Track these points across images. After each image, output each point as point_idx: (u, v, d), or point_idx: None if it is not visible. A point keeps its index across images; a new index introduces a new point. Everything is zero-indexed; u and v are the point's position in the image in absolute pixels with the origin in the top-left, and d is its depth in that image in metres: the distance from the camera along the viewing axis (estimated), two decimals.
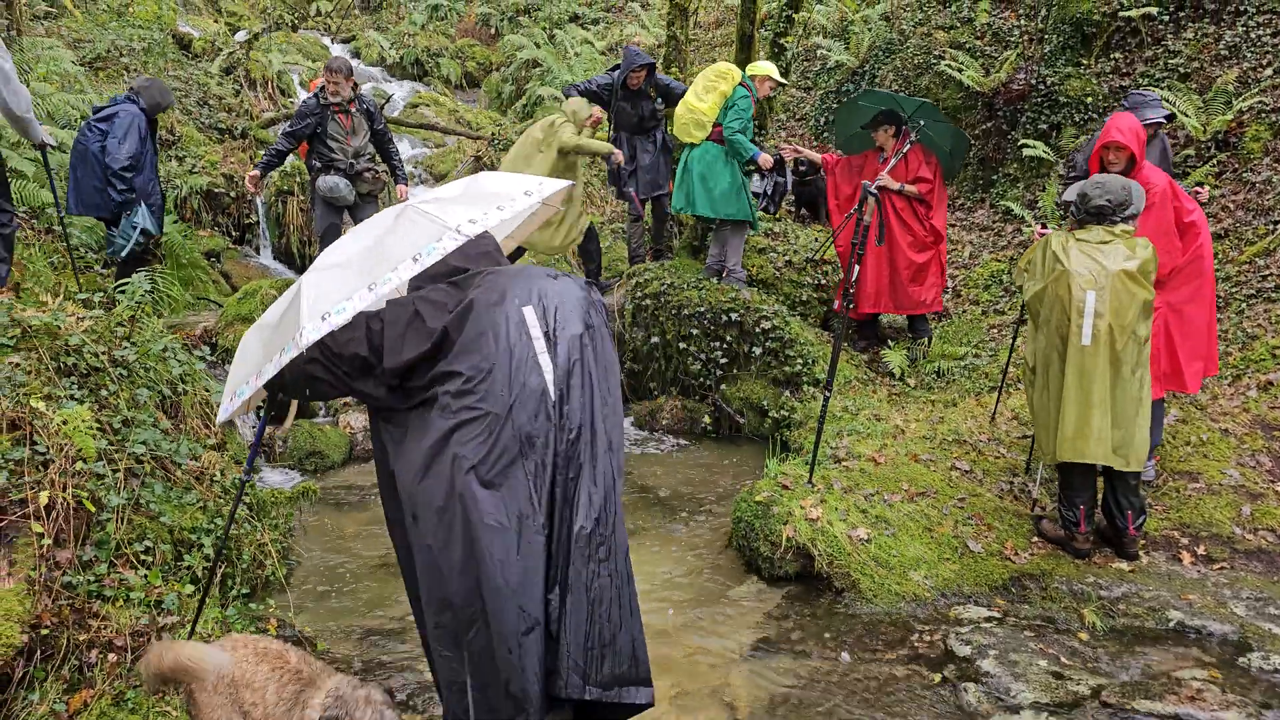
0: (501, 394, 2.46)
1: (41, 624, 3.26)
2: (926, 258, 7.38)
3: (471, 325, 2.53)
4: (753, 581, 4.91)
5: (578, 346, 2.57)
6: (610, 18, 15.79)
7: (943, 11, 10.62)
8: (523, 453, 2.46)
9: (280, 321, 2.65)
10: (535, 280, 2.66)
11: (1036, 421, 4.79)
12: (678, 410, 7.42)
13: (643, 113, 7.97)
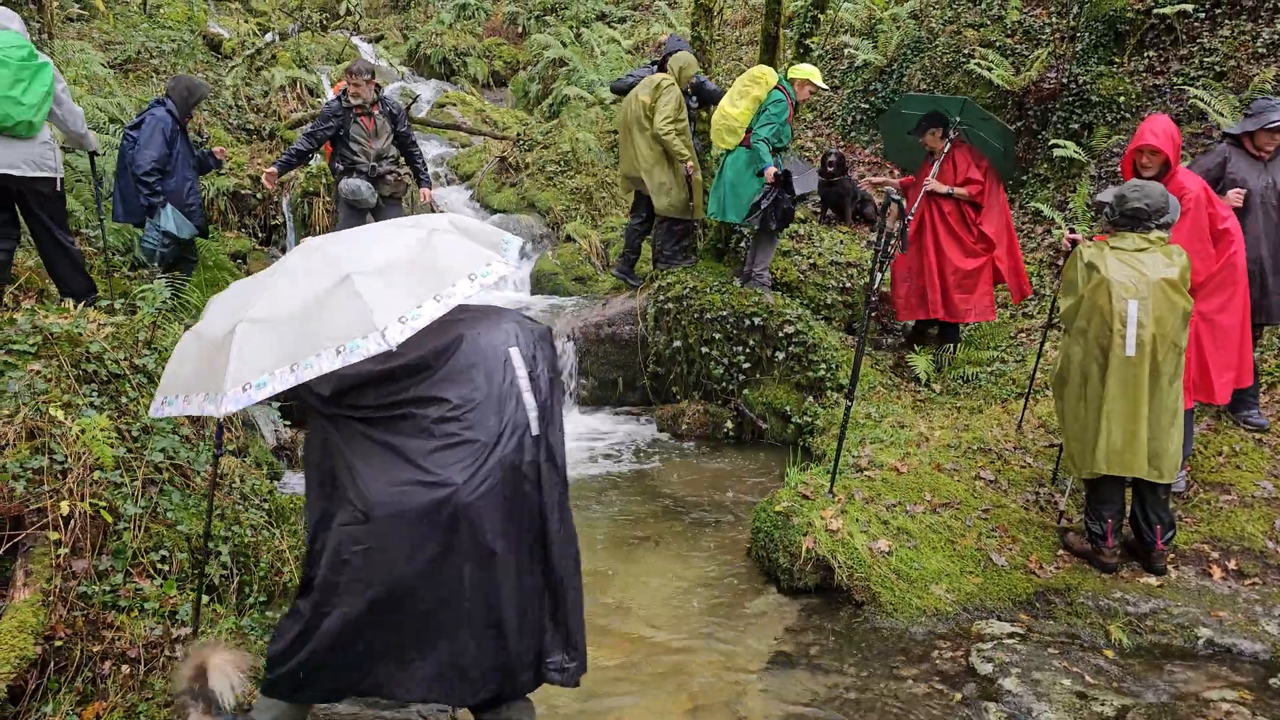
0: (491, 425, 2.68)
1: (55, 635, 3.27)
2: (976, 264, 7.10)
3: (461, 358, 2.72)
4: (772, 593, 4.85)
5: (550, 388, 2.87)
6: (637, 16, 15.73)
7: (972, 9, 10.48)
8: (505, 480, 2.69)
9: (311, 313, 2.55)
10: (514, 324, 2.89)
11: (1068, 433, 4.69)
12: (700, 415, 7.37)
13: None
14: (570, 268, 9.79)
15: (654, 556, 5.33)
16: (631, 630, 4.51)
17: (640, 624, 4.56)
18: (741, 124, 7.23)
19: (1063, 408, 4.71)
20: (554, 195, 11.01)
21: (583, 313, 8.27)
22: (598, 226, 10.55)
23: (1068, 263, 4.74)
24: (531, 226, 10.58)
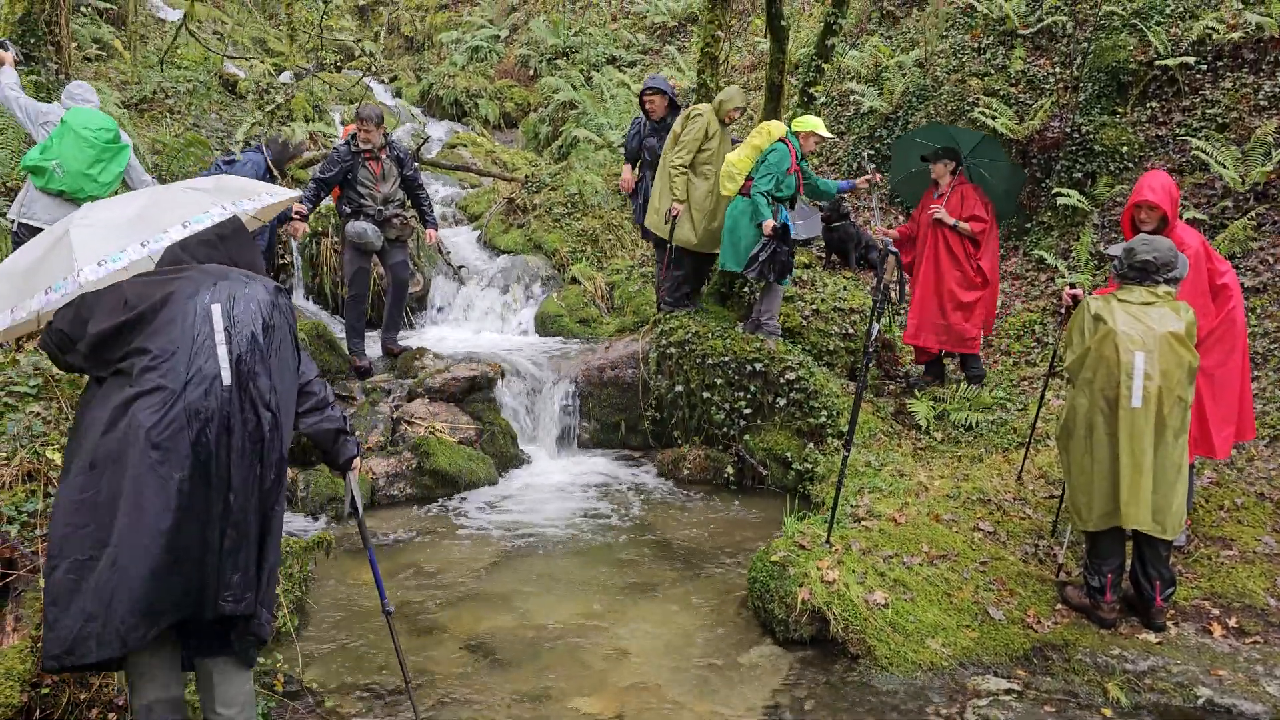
0: (180, 373, 2.88)
1: (42, 683, 3.27)
2: (973, 298, 7.32)
3: (166, 312, 2.93)
4: (767, 644, 4.81)
5: (254, 342, 2.99)
6: (647, 61, 15.91)
7: (977, 58, 10.58)
8: (189, 424, 2.85)
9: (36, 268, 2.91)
10: (229, 282, 3.04)
11: (1072, 484, 4.66)
12: (700, 460, 7.36)
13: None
14: (575, 310, 9.83)
15: (650, 603, 5.30)
16: (625, 679, 4.48)
17: (635, 673, 4.52)
18: (740, 171, 7.29)
19: (1067, 459, 4.69)
20: (560, 237, 11.08)
21: (586, 355, 8.29)
22: (603, 269, 10.61)
23: (1074, 315, 4.75)
24: (538, 268, 10.65)
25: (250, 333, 2.98)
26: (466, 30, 19.07)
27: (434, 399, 7.42)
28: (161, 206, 2.94)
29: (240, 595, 2.94)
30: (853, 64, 11.82)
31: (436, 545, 6.07)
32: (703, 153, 7.56)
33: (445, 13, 20.29)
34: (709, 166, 7.59)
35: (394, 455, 6.95)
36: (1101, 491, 4.49)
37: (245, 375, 2.95)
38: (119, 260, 2.70)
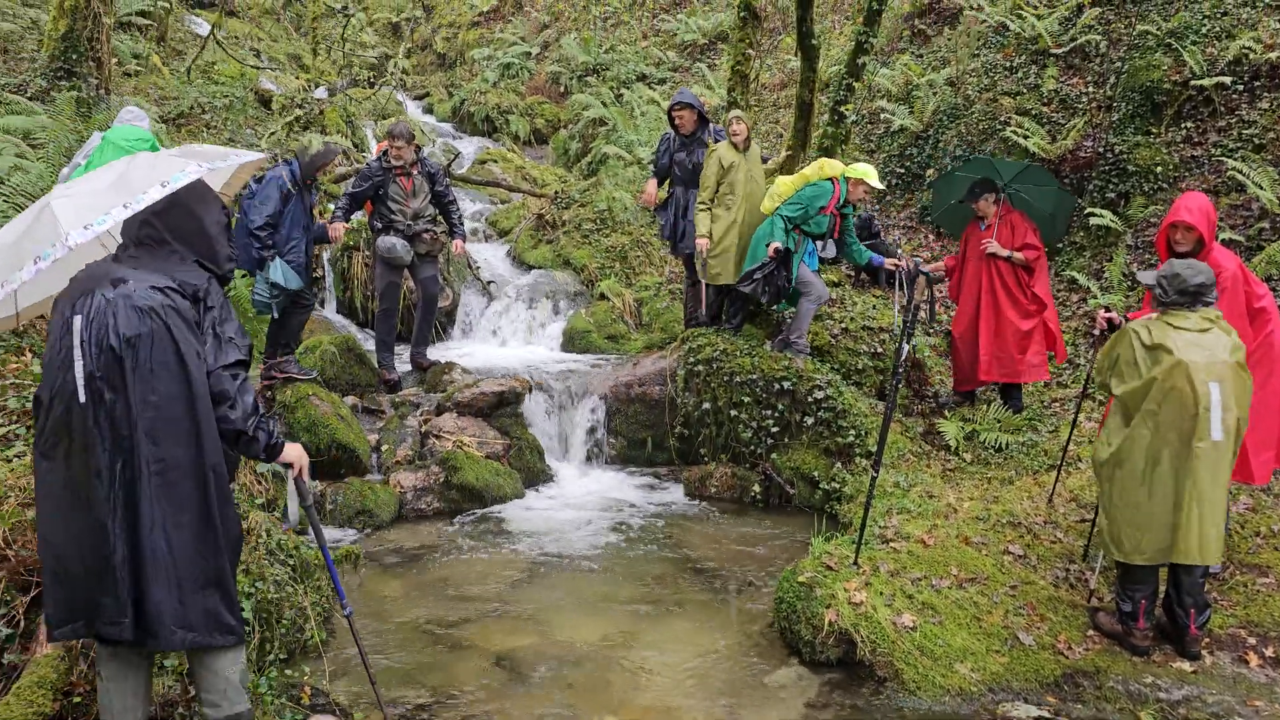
0: (49, 385, 2.92)
1: (74, 691, 3.30)
2: (1031, 325, 7.22)
3: (52, 320, 3.00)
4: (793, 665, 4.78)
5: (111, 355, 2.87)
6: (677, 78, 15.98)
7: (1009, 77, 10.54)
8: (60, 439, 2.90)
9: (21, 241, 2.92)
10: (99, 285, 2.94)
11: (1119, 516, 4.50)
12: (727, 478, 7.34)
13: (696, 160, 8.01)
14: (603, 326, 9.85)
15: (676, 621, 5.28)
16: (650, 698, 4.46)
17: (660, 693, 4.51)
18: (782, 194, 7.35)
19: (1112, 490, 4.54)
20: (589, 253, 11.13)
21: (613, 372, 8.30)
22: (631, 285, 10.64)
23: (1116, 341, 4.61)
24: (566, 284, 10.69)
25: (109, 345, 2.86)
26: (498, 47, 19.25)
27: (462, 413, 7.45)
28: (139, 168, 2.95)
29: (115, 619, 2.90)
30: (883, 82, 11.81)
31: (463, 560, 6.09)
32: (722, 185, 7.64)
33: (477, 30, 20.50)
34: (731, 197, 7.65)
35: (422, 469, 6.99)
36: (1159, 526, 4.37)
37: (98, 393, 2.86)
38: (104, 222, 2.73)
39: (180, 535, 2.96)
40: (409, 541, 6.36)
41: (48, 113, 8.62)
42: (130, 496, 2.90)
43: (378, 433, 7.45)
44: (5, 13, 11.81)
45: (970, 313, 7.37)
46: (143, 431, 2.89)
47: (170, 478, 2.94)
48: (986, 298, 7.24)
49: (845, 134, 8.00)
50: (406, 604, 5.42)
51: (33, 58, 10.64)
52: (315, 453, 6.78)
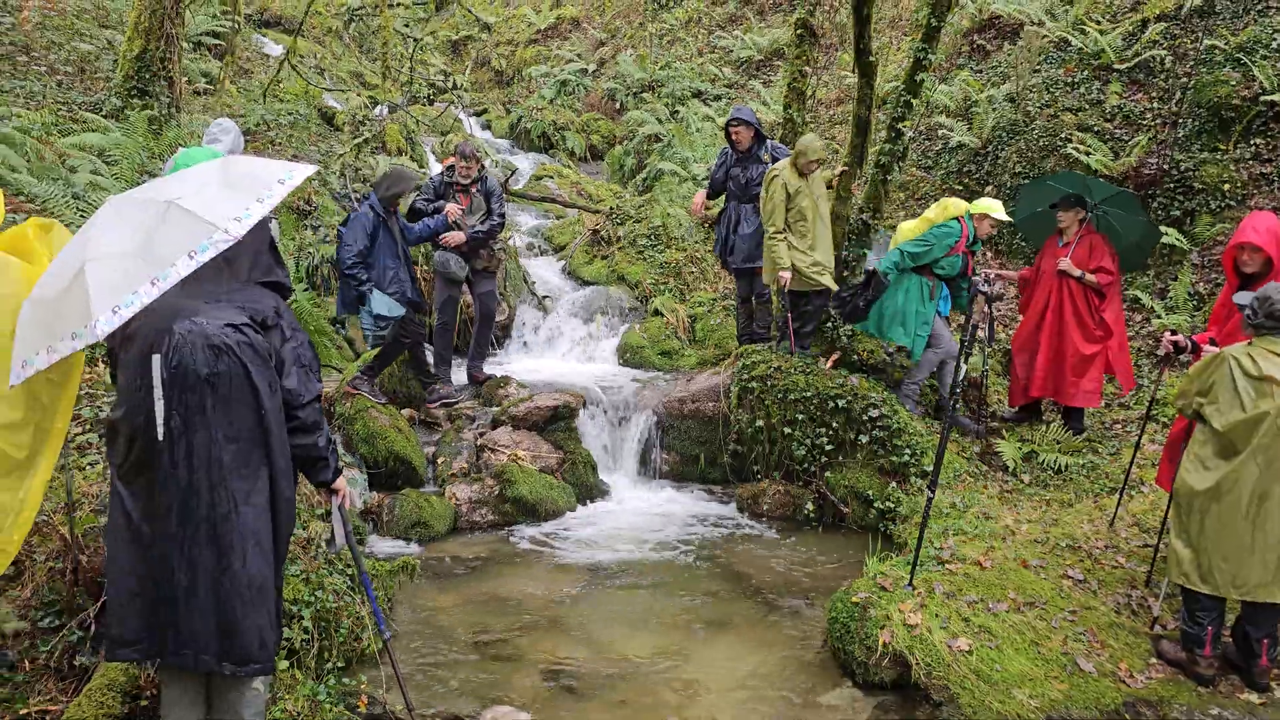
0: (129, 418, 2.95)
1: (142, 694, 3.40)
2: (1094, 350, 7.14)
3: (127, 353, 2.99)
4: (846, 686, 4.74)
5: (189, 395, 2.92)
6: (732, 94, 16.01)
7: (1070, 93, 10.39)
8: (141, 472, 2.96)
9: (59, 300, 2.82)
10: (181, 323, 2.95)
11: (1214, 550, 4.37)
12: (780, 495, 7.31)
13: (750, 176, 8.01)
14: (657, 341, 9.88)
15: (728, 639, 5.27)
16: (701, 715, 4.46)
17: (711, 709, 4.50)
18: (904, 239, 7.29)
19: (1205, 522, 4.40)
20: (644, 269, 11.17)
21: (667, 387, 8.33)
22: (685, 301, 10.65)
23: (1208, 367, 4.46)
24: (621, 299, 10.74)
25: (187, 384, 2.92)
26: (555, 64, 19.46)
27: (517, 427, 7.52)
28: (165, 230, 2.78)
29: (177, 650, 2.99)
30: (942, 98, 11.71)
31: (516, 572, 6.14)
32: (791, 211, 7.45)
33: (535, 47, 20.74)
34: (803, 224, 7.45)
35: (477, 482, 7.06)
36: (1262, 564, 4.26)
37: (176, 430, 2.93)
38: (132, 304, 2.65)
39: (253, 567, 3.05)
40: (464, 553, 6.43)
41: (122, 130, 8.89)
42: (207, 531, 2.97)
43: (434, 445, 7.55)
44: (83, 34, 12.23)
45: (1032, 327, 7.29)
46: (220, 467, 2.97)
47: (244, 512, 3.02)
48: (1052, 315, 7.15)
49: (903, 151, 7.94)
50: (460, 615, 5.48)
51: (108, 77, 10.99)
52: (373, 464, 6.90)
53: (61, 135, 8.55)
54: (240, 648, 3.03)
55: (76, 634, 3.76)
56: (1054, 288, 7.20)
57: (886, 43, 13.86)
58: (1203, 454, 4.47)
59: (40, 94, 9.84)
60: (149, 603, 2.99)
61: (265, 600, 3.10)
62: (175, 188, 2.95)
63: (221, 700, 3.16)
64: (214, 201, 2.85)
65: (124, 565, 2.99)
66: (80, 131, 8.76)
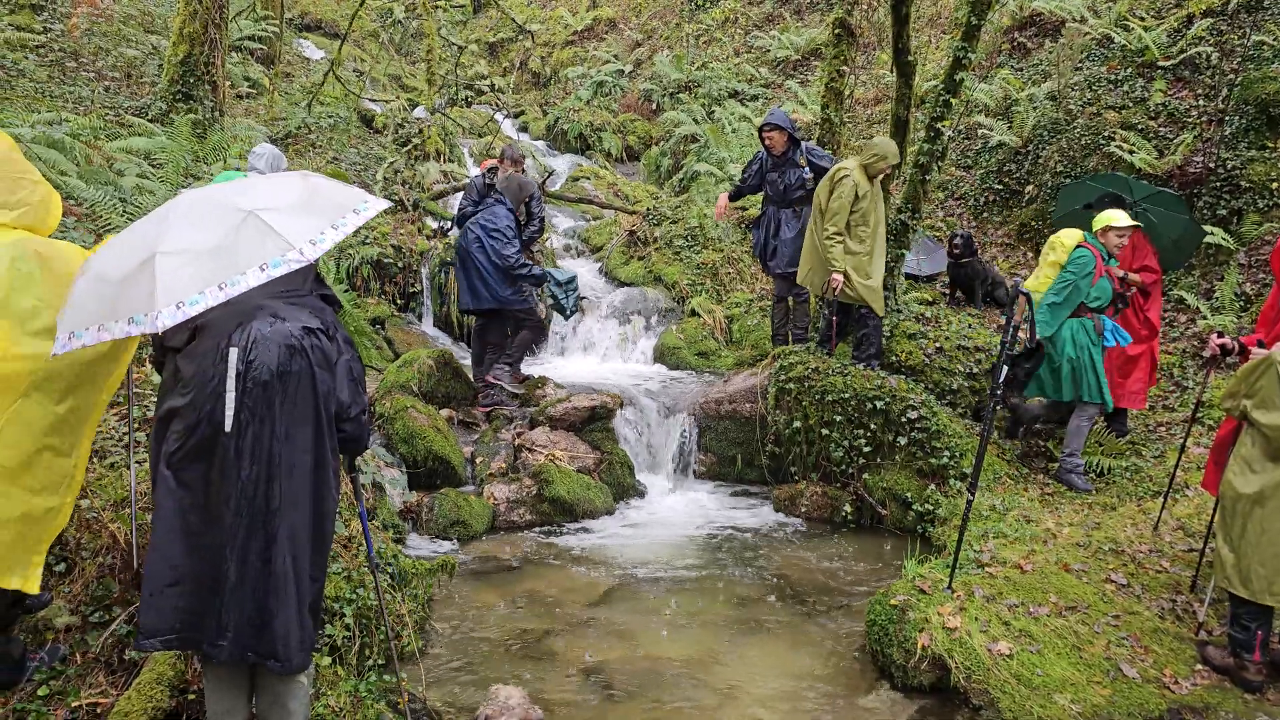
0: (196, 407, 2.98)
1: (189, 688, 3.46)
2: (1139, 350, 7.05)
3: (198, 342, 3.04)
4: (885, 690, 4.72)
5: (263, 391, 2.99)
6: (769, 94, 15.97)
7: (1113, 91, 10.26)
8: (198, 460, 2.99)
9: (124, 282, 2.82)
10: (258, 321, 3.04)
11: (1254, 555, 4.31)
12: (818, 497, 7.28)
13: (788, 181, 7.97)
14: (694, 342, 9.88)
15: (765, 641, 5.26)
16: (738, 716, 4.46)
17: (748, 711, 4.50)
18: (1038, 291, 6.70)
19: (1248, 526, 4.34)
20: (680, 270, 11.18)
21: (704, 388, 8.33)
22: (722, 301, 10.65)
23: (1256, 370, 4.37)
24: (657, 300, 10.76)
25: (261, 379, 2.99)
26: (592, 66, 19.53)
27: (554, 427, 7.56)
28: (242, 238, 2.83)
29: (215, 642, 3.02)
30: (981, 97, 11.60)
31: (553, 572, 6.17)
32: (854, 214, 7.30)
33: (571, 49, 20.82)
34: (863, 228, 7.31)
35: (515, 482, 7.11)
36: None
37: (244, 424, 2.98)
38: (196, 304, 2.69)
39: (298, 566, 3.11)
40: (501, 552, 6.47)
41: (167, 134, 9.05)
42: (260, 525, 3.02)
43: (472, 445, 7.61)
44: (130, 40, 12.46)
45: None
46: (278, 465, 3.03)
47: (295, 511, 3.09)
48: None
49: (942, 150, 7.88)
50: (498, 614, 5.52)
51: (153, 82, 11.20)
52: (412, 464, 6.97)
53: (109, 139, 8.72)
54: (277, 644, 3.07)
55: (125, 628, 3.84)
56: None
57: (925, 41, 13.76)
58: (1249, 456, 4.41)
59: (88, 99, 10.05)
60: (189, 592, 3.02)
61: (305, 599, 3.15)
62: (255, 197, 3.00)
63: (268, 694, 3.21)
64: (292, 220, 2.91)
65: (166, 553, 3.02)
66: (127, 136, 8.93)
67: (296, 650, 3.13)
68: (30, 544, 3.29)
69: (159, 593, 3.01)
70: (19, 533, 3.24)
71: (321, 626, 4.22)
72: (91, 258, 3.06)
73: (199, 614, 3.03)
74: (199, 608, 3.02)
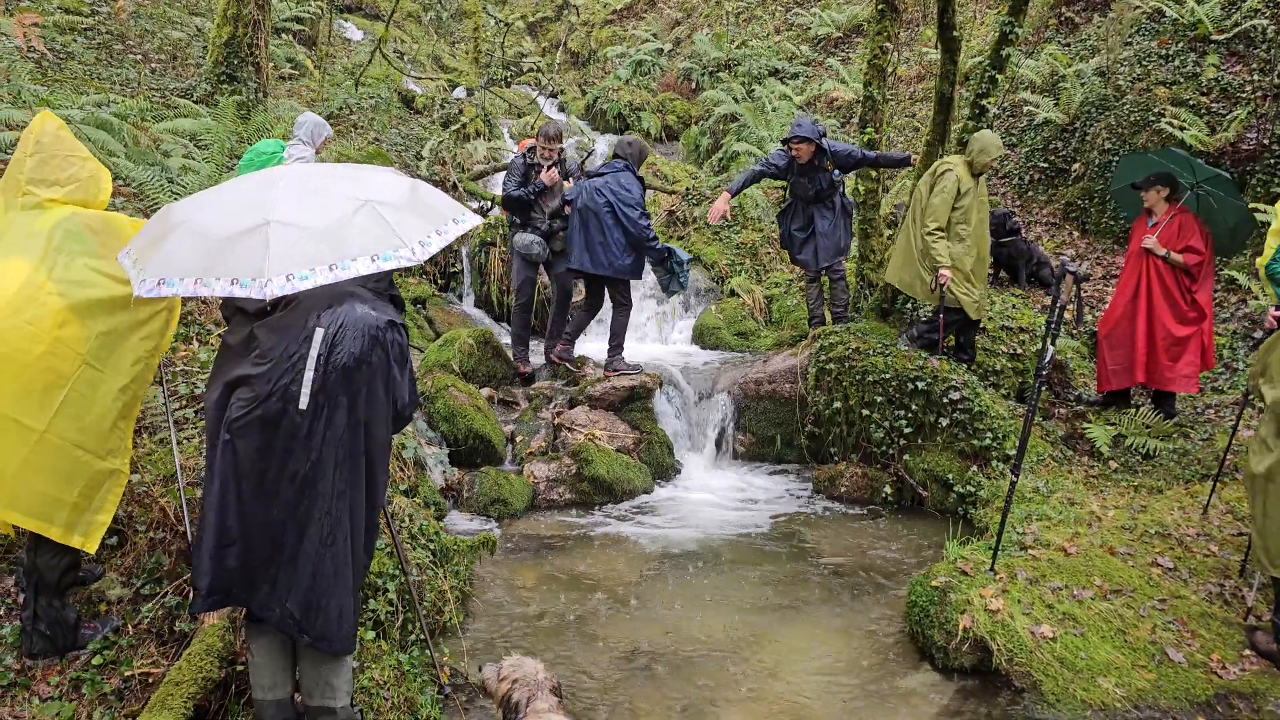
0: (270, 379, 2.99)
1: (238, 659, 3.53)
2: (1187, 332, 6.91)
3: (283, 315, 3.07)
4: (925, 671, 4.70)
5: (342, 375, 3.01)
6: (809, 72, 15.80)
7: (1164, 66, 10.02)
8: (261, 430, 2.99)
9: (230, 242, 2.83)
10: (346, 305, 3.08)
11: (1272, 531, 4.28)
12: (858, 478, 7.25)
13: (820, 185, 7.87)
14: (733, 322, 9.85)
15: (805, 622, 5.26)
16: (778, 697, 4.46)
17: (787, 691, 4.50)
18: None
19: (1266, 503, 4.30)
20: (720, 250, 11.13)
21: (743, 368, 8.30)
22: (761, 282, 10.59)
23: (1272, 345, 4.36)
24: (697, 280, 10.73)
25: (342, 364, 3.00)
26: (631, 45, 19.43)
27: (594, 407, 7.58)
28: (355, 226, 2.87)
29: (266, 604, 3.07)
30: (1027, 73, 11.40)
31: (593, 551, 6.20)
32: (955, 211, 7.01)
33: (610, 28, 20.73)
34: (964, 226, 7.01)
35: (554, 460, 7.15)
36: None
37: (321, 406, 2.99)
38: (306, 280, 2.72)
39: (354, 550, 3.17)
40: (541, 531, 6.52)
41: (212, 115, 9.16)
42: (327, 508, 3.06)
43: (512, 424, 7.65)
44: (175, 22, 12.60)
45: (1120, 311, 7.09)
46: (345, 448, 3.06)
47: (354, 494, 3.12)
48: (1142, 299, 6.94)
49: (987, 128, 7.74)
50: (537, 592, 5.57)
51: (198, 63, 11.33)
52: (453, 442, 7.03)
53: (155, 121, 8.84)
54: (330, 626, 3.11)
55: (175, 600, 3.92)
56: (1142, 268, 6.99)
57: (970, 16, 13.53)
58: (1265, 435, 4.37)
59: (135, 81, 10.18)
60: (242, 555, 3.05)
61: (357, 582, 3.21)
62: (368, 187, 3.05)
63: (313, 670, 3.26)
64: (404, 218, 2.96)
65: (220, 517, 3.04)
66: (173, 117, 9.04)
67: (348, 634, 3.18)
68: (95, 504, 3.49)
69: (213, 554, 3.05)
70: (84, 493, 3.44)
71: (364, 602, 4.28)
72: (177, 209, 3.07)
73: (252, 578, 3.07)
74: (252, 572, 3.07)
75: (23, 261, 3.33)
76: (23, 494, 3.32)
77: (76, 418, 3.38)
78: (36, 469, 3.32)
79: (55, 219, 3.46)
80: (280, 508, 3.02)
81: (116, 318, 3.45)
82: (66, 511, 3.41)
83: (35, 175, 3.53)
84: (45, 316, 3.29)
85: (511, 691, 3.31)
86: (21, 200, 3.51)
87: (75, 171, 3.60)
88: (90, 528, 3.50)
